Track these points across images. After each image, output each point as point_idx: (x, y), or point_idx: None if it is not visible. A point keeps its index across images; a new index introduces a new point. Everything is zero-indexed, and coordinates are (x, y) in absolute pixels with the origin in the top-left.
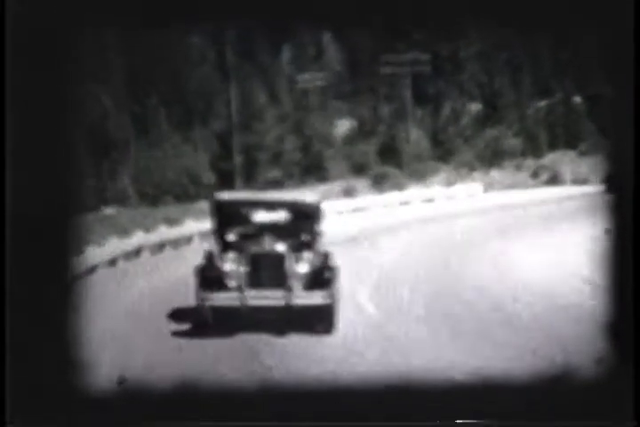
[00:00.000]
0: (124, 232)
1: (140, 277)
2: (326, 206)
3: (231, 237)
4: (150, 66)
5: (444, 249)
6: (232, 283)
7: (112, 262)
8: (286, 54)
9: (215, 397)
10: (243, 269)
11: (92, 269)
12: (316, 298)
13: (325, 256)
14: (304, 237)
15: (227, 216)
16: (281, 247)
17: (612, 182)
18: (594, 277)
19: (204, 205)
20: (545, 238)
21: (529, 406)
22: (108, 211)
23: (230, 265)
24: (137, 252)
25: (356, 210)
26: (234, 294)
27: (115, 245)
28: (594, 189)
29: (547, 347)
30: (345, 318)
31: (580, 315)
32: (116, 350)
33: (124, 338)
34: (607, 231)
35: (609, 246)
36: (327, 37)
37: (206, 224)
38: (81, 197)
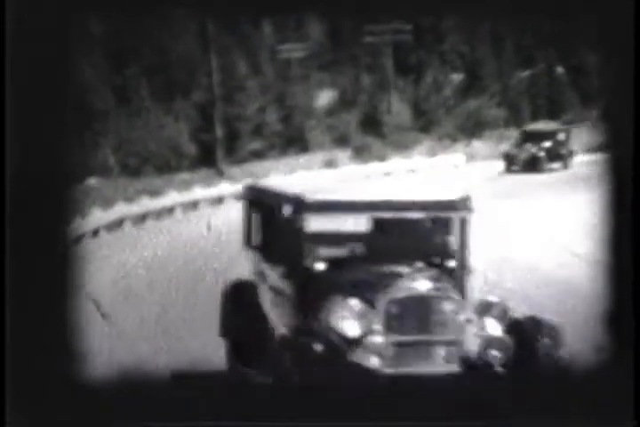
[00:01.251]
0: (106, 203)
1: (123, 248)
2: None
3: (319, 265)
4: (131, 36)
5: None
6: (372, 360)
7: (94, 233)
8: (267, 25)
9: (216, 389)
10: (378, 332)
11: (76, 241)
12: None
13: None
14: (455, 265)
15: (295, 228)
16: (435, 285)
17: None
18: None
19: (185, 176)
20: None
21: (524, 405)
22: (90, 182)
23: (358, 324)
24: (119, 223)
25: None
26: None
27: (97, 216)
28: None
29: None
30: None
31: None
32: (110, 335)
33: (119, 323)
34: None
35: (607, 225)
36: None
37: (188, 195)
38: (72, 169)
